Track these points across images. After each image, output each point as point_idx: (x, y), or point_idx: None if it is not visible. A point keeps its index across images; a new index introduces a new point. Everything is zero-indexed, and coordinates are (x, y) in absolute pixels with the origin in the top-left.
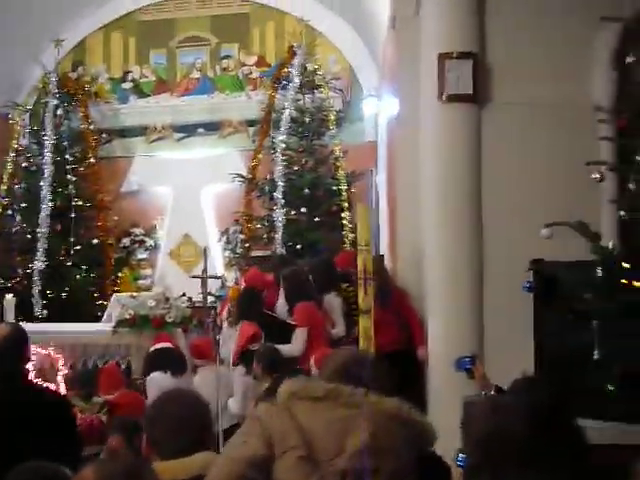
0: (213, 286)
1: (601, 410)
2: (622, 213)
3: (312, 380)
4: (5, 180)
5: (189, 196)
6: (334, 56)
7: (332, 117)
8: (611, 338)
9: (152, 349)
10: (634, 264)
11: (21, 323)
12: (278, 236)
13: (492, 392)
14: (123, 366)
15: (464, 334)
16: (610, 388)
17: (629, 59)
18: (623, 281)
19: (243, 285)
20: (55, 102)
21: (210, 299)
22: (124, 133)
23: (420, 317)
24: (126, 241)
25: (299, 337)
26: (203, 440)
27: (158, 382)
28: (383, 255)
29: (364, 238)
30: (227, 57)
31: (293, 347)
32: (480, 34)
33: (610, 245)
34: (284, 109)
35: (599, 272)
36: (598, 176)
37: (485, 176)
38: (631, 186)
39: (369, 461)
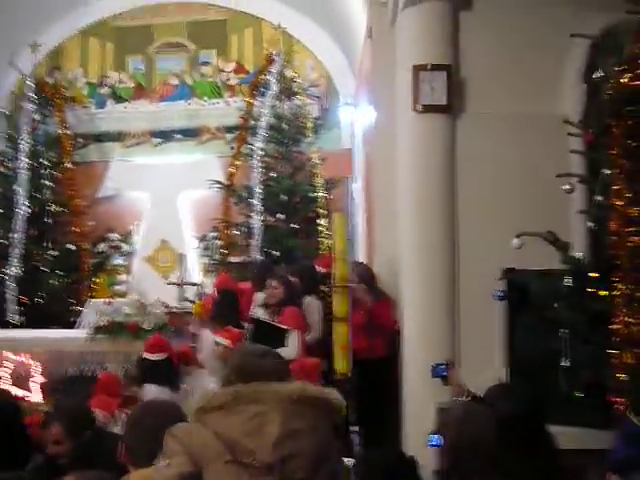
0: (190, 292)
1: (569, 416)
2: (591, 224)
3: (214, 390)
4: None
5: (166, 202)
6: (312, 63)
7: (309, 124)
8: (579, 346)
9: (149, 358)
10: (602, 274)
11: None
12: (256, 242)
13: (466, 398)
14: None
15: (438, 339)
16: (578, 395)
17: (597, 75)
18: (590, 290)
19: (216, 290)
20: (31, 106)
21: (187, 304)
22: (101, 138)
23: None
24: (102, 246)
25: (294, 340)
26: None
27: (155, 395)
28: (365, 264)
29: (340, 246)
30: (205, 63)
31: (289, 350)
32: (454, 46)
33: (579, 255)
34: (262, 116)
35: (568, 281)
36: (568, 187)
37: (459, 185)
38: (599, 198)
39: (290, 447)
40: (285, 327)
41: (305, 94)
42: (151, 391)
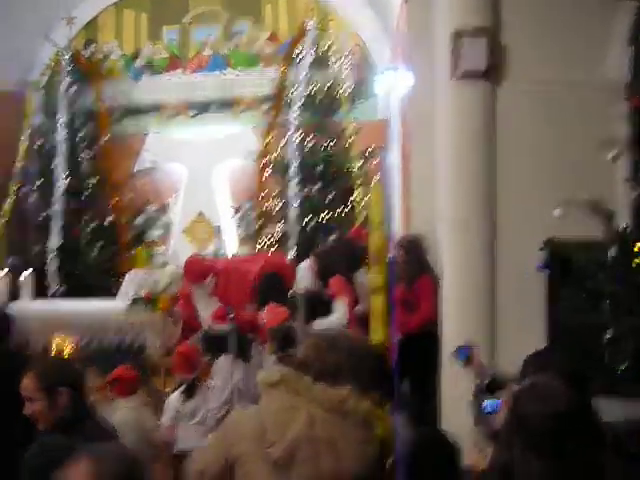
0: None
1: (613, 387)
2: (636, 192)
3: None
4: (20, 159)
5: (202, 174)
6: (347, 32)
7: (345, 94)
8: (623, 317)
9: (215, 328)
10: None
11: (38, 301)
12: (291, 213)
13: (487, 381)
14: (138, 343)
15: (477, 313)
16: (622, 366)
17: None
18: (636, 261)
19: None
20: (68, 80)
21: None
22: (137, 111)
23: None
24: (140, 219)
25: (341, 306)
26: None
27: (227, 366)
28: (420, 235)
29: (377, 217)
30: (240, 33)
31: (338, 317)
32: (495, 10)
33: (624, 225)
34: (297, 86)
35: (612, 252)
36: (613, 155)
37: (499, 154)
38: None
39: (303, 452)
40: (332, 294)
41: (340, 63)
42: (223, 362)
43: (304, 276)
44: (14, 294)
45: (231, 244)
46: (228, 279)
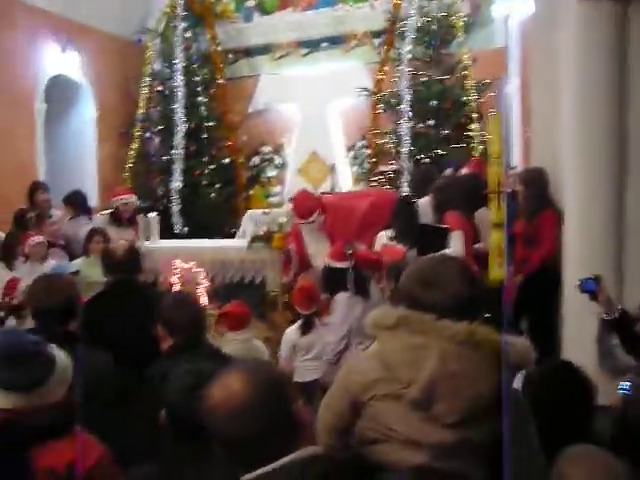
0: None
1: None
2: None
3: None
4: (142, 105)
5: (315, 113)
6: None
7: (460, 23)
8: None
9: (334, 266)
10: None
11: (165, 240)
12: (405, 150)
13: (616, 315)
14: (259, 279)
15: (602, 247)
16: None
17: None
18: None
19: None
20: (183, 25)
21: None
22: (250, 52)
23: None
24: (256, 160)
25: (457, 240)
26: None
27: (346, 303)
28: (541, 168)
29: (496, 149)
30: None
31: (452, 250)
32: None
33: None
34: (409, 17)
35: None
36: None
37: (630, 82)
38: None
39: (443, 388)
40: (448, 227)
41: None
42: (342, 298)
43: (423, 212)
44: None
45: (345, 182)
46: (335, 215)
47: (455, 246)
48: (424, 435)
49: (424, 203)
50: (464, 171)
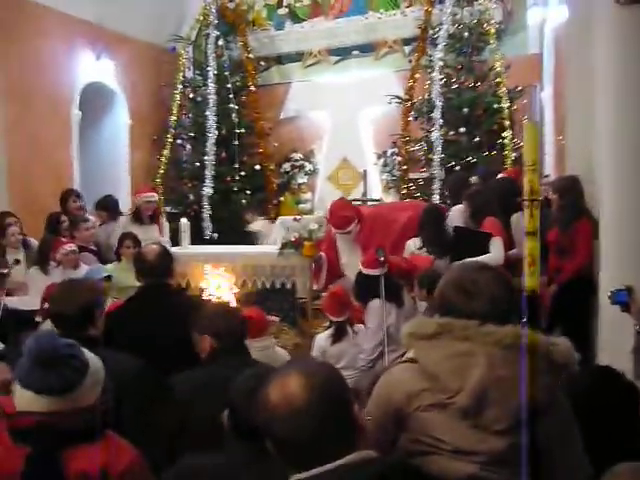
0: None
1: None
2: None
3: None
4: (174, 112)
5: (346, 120)
6: None
7: (492, 30)
8: None
9: (367, 273)
10: None
11: (195, 246)
12: (436, 157)
13: None
14: (289, 285)
15: (637, 262)
16: None
17: None
18: None
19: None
20: (216, 33)
21: None
22: (281, 59)
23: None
24: (286, 166)
25: (498, 245)
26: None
27: (379, 311)
28: (576, 177)
29: (531, 157)
30: None
31: (493, 256)
32: None
33: None
34: (441, 24)
35: None
36: None
37: None
38: None
39: (492, 394)
40: (488, 232)
41: None
42: (376, 305)
43: (454, 219)
44: (174, 240)
45: (376, 190)
46: (373, 226)
47: (495, 252)
48: (474, 444)
49: (457, 210)
50: (500, 176)
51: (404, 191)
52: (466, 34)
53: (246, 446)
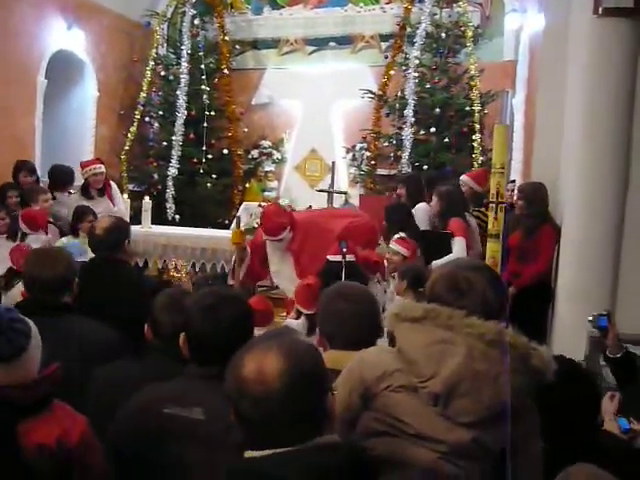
0: (336, 202)
1: None
2: None
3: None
4: (144, 88)
5: (318, 111)
6: None
7: (469, 33)
8: None
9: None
10: None
11: (156, 226)
12: (405, 155)
13: (619, 355)
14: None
15: (597, 268)
16: None
17: None
18: None
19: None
20: (192, 12)
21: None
22: (257, 45)
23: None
24: (254, 153)
25: (460, 245)
26: (375, 333)
27: None
28: (542, 184)
29: (500, 160)
30: None
31: (455, 256)
32: None
33: None
34: (419, 23)
35: None
36: None
37: (638, 99)
38: None
39: (464, 386)
40: (449, 232)
41: (466, 0)
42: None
43: (420, 218)
44: (136, 219)
45: (342, 183)
46: (306, 235)
47: (457, 253)
48: (438, 432)
49: (420, 210)
50: (464, 177)
51: (370, 186)
52: (443, 35)
53: (203, 370)
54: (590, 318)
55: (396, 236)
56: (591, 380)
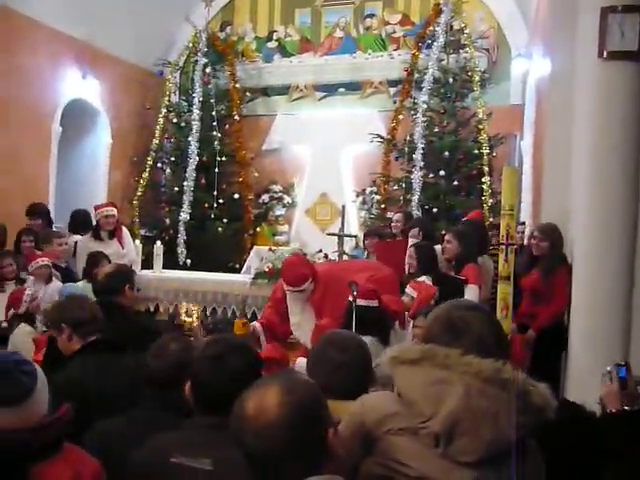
0: (347, 245)
1: None
2: None
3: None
4: (157, 135)
5: (328, 155)
6: (481, 13)
7: (476, 78)
8: None
9: (361, 304)
10: None
11: (168, 270)
12: (415, 198)
13: (637, 407)
14: (260, 316)
15: (610, 309)
16: None
17: None
18: None
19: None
20: (204, 60)
21: (345, 258)
22: (267, 92)
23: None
24: (265, 197)
25: (473, 293)
26: (365, 382)
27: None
28: (557, 225)
29: (509, 202)
30: (371, 16)
31: None
32: None
33: None
34: (427, 69)
35: None
36: None
37: None
38: None
39: (464, 425)
40: (464, 279)
41: (473, 46)
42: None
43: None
44: (148, 263)
45: (353, 227)
46: (327, 287)
47: (471, 298)
48: (440, 473)
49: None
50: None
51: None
52: (451, 80)
53: (209, 420)
54: (608, 369)
55: (417, 279)
56: (595, 422)
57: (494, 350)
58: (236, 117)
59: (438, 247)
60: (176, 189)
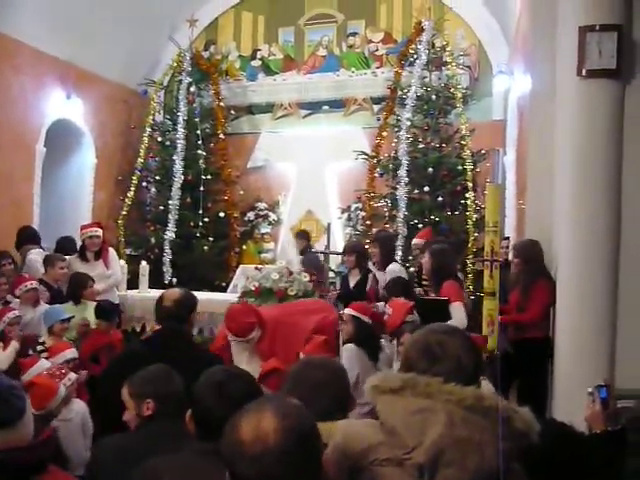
0: (333, 262)
1: None
2: None
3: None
4: (141, 154)
5: (312, 173)
6: (462, 31)
7: (459, 94)
8: None
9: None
10: None
11: (153, 289)
12: (400, 214)
13: (617, 427)
14: None
15: (594, 325)
16: None
17: None
18: None
19: None
20: (188, 79)
21: (330, 275)
22: (252, 110)
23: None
24: (250, 215)
25: (459, 311)
26: (344, 405)
27: (352, 358)
28: (536, 241)
29: (493, 218)
30: (354, 34)
31: (457, 322)
32: (626, 4)
33: None
34: (410, 86)
35: None
36: None
37: (627, 159)
38: None
39: (448, 454)
40: (446, 299)
41: (455, 63)
42: (349, 351)
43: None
44: (134, 283)
45: (339, 243)
46: (274, 334)
47: (458, 320)
48: None
49: (392, 272)
50: (417, 240)
51: (367, 246)
52: (434, 97)
53: (207, 445)
54: (590, 390)
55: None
56: (581, 441)
57: (472, 373)
58: (221, 135)
59: (397, 266)
60: (161, 208)
